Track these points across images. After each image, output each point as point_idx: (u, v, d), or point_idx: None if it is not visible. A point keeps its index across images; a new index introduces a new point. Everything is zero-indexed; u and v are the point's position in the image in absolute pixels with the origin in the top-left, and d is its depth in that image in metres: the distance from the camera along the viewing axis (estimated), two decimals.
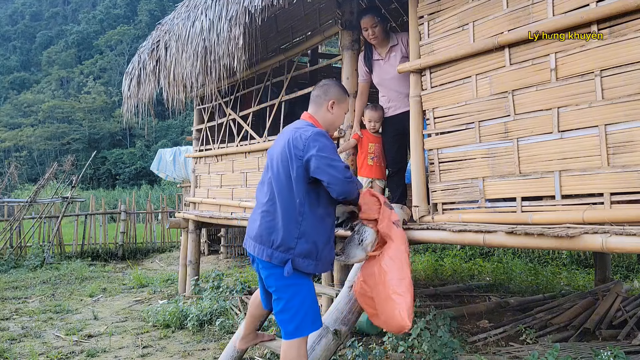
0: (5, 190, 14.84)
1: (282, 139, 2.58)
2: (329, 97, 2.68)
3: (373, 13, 3.73)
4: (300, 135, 2.47)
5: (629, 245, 2.09)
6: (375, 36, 3.73)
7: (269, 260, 2.45)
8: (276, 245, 2.44)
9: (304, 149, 2.44)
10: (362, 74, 3.95)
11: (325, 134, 2.53)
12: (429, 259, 8.39)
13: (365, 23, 3.72)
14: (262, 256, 2.48)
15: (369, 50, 3.90)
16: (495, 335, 4.01)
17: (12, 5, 67.45)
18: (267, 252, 2.46)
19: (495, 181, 2.79)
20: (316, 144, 2.43)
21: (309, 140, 2.44)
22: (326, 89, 2.70)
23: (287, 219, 2.44)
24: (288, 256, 2.43)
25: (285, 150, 2.50)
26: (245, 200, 5.15)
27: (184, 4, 5.00)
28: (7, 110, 44.20)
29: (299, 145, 2.45)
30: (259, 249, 2.49)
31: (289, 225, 2.44)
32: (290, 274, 2.42)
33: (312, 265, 2.48)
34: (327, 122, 2.70)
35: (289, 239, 2.43)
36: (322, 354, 2.77)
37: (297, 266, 2.44)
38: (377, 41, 3.77)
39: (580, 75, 2.39)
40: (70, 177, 11.10)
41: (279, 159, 2.52)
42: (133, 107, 5.79)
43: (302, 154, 2.44)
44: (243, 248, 10.18)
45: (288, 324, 2.46)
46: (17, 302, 6.26)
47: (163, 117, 35.42)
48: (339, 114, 2.73)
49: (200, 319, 4.83)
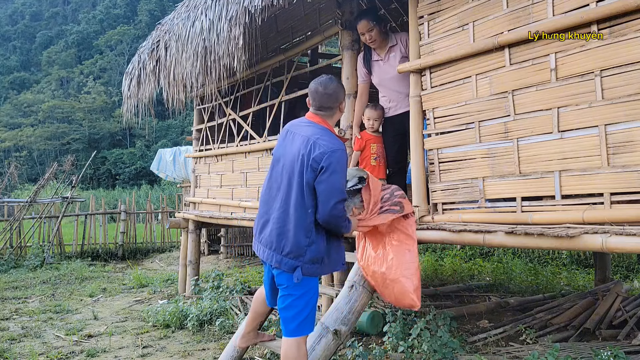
0: (5, 190, 14.84)
1: (298, 144, 2.53)
2: (339, 101, 2.72)
3: (367, 17, 3.70)
4: (320, 147, 2.45)
5: (629, 245, 2.09)
6: (373, 40, 3.73)
7: (278, 267, 2.48)
8: (286, 252, 2.46)
9: (322, 161, 2.43)
10: (362, 75, 3.95)
11: (344, 154, 2.52)
12: (429, 259, 8.39)
13: (361, 28, 3.72)
14: (271, 262, 2.51)
15: (367, 52, 3.90)
16: (495, 335, 4.01)
17: (12, 5, 67.43)
18: (276, 258, 2.48)
19: (495, 181, 2.79)
20: (338, 165, 2.43)
21: (330, 160, 2.42)
22: (336, 95, 2.69)
23: (298, 227, 2.44)
24: (297, 263, 2.44)
25: (304, 158, 2.47)
26: (245, 200, 5.15)
27: (184, 4, 5.00)
28: (7, 110, 44.18)
29: (317, 158, 2.43)
30: (269, 254, 2.52)
31: (299, 234, 2.44)
32: (300, 280, 2.44)
33: (319, 269, 2.51)
34: (334, 120, 2.78)
35: (299, 247, 2.44)
36: (322, 354, 2.77)
37: (306, 272, 2.46)
38: (375, 44, 3.77)
39: (580, 75, 2.39)
40: (70, 177, 11.10)
41: (295, 165, 2.50)
42: (133, 107, 5.79)
43: (317, 165, 2.43)
44: (243, 248, 10.20)
45: (291, 322, 2.47)
46: (17, 302, 6.26)
47: (163, 117, 35.47)
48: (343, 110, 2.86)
49: (200, 319, 4.83)
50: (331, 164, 2.42)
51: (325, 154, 2.43)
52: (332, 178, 2.42)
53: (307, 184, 2.45)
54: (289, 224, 2.46)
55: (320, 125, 2.63)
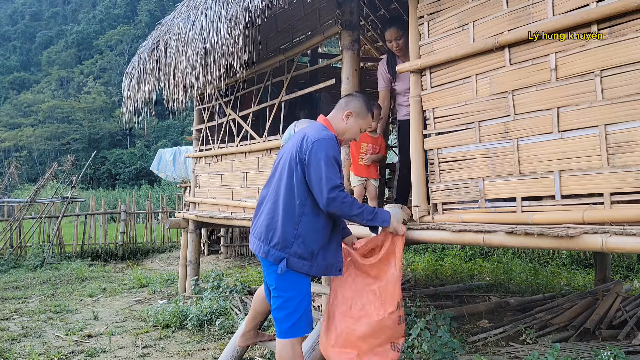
0: (5, 190, 14.83)
1: (294, 140, 2.60)
2: (348, 108, 2.72)
3: (397, 26, 3.74)
4: (307, 140, 2.48)
5: (629, 245, 2.09)
6: (400, 48, 3.77)
7: (265, 257, 2.48)
8: (273, 243, 2.46)
9: (306, 152, 2.46)
10: (385, 81, 3.96)
11: (332, 142, 2.52)
12: (429, 259, 8.39)
13: (389, 35, 3.75)
14: (259, 252, 2.52)
15: (392, 58, 3.92)
16: (495, 335, 4.01)
17: (12, 5, 67.45)
18: (264, 248, 2.49)
19: (495, 181, 2.79)
20: (319, 153, 2.43)
21: (313, 145, 2.45)
22: (349, 100, 2.75)
23: (286, 219, 2.46)
24: (283, 254, 2.44)
25: (292, 150, 2.52)
26: (245, 200, 5.15)
27: (184, 4, 5.00)
28: (7, 110, 44.20)
29: (303, 147, 2.47)
30: (257, 245, 2.53)
31: (287, 225, 2.46)
32: (284, 271, 2.44)
33: (306, 266, 2.49)
34: (339, 129, 2.72)
35: (286, 238, 2.45)
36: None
37: (292, 266, 2.46)
38: (401, 52, 3.81)
39: (580, 75, 2.39)
40: (70, 177, 11.10)
41: (287, 157, 2.55)
42: (133, 107, 5.79)
43: (303, 157, 2.46)
44: (243, 248, 10.20)
45: (283, 323, 2.47)
46: (17, 302, 6.26)
47: (163, 117, 35.48)
48: (353, 126, 2.73)
49: (200, 319, 4.83)
50: (313, 153, 2.44)
51: (309, 145, 2.46)
52: (317, 169, 2.43)
53: (297, 177, 2.47)
54: (277, 215, 2.48)
55: (320, 125, 2.66)
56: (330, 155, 2.46)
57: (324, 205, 2.44)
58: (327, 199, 2.41)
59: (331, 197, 2.41)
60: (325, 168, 2.42)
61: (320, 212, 2.51)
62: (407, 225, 3.16)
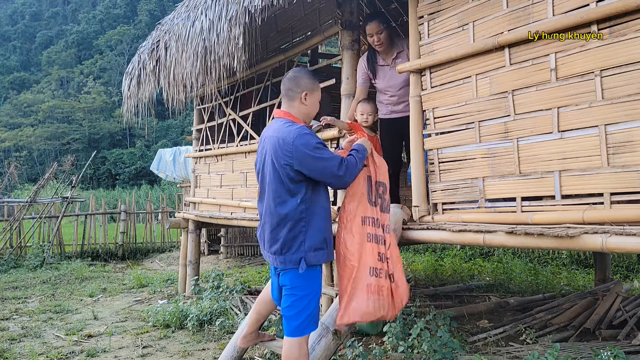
0: (5, 190, 14.83)
1: (268, 147, 2.54)
2: (301, 89, 2.62)
3: (379, 19, 3.67)
4: (284, 140, 2.44)
5: (629, 245, 2.09)
6: (381, 42, 3.69)
7: (284, 266, 2.50)
8: (285, 250, 2.48)
9: (292, 155, 2.41)
10: (363, 77, 3.89)
11: (306, 131, 2.49)
12: (429, 259, 8.39)
13: (370, 29, 3.68)
14: (276, 264, 2.55)
15: (373, 55, 3.86)
16: (495, 335, 4.01)
17: (12, 5, 67.47)
18: (279, 259, 2.51)
19: (495, 181, 2.79)
20: (303, 147, 2.41)
21: (294, 144, 2.41)
22: (297, 81, 2.63)
23: (290, 224, 2.46)
24: (299, 255, 2.46)
25: (272, 158, 2.49)
26: (245, 200, 5.15)
27: (184, 4, 5.00)
28: (7, 110, 44.20)
29: (285, 151, 2.43)
30: (273, 259, 2.56)
31: (293, 229, 2.46)
32: (304, 269, 2.46)
33: (324, 254, 2.53)
34: (302, 114, 2.65)
35: (295, 240, 2.46)
36: (322, 354, 2.77)
37: (310, 261, 2.48)
38: (382, 48, 3.74)
39: (580, 75, 2.39)
40: (70, 177, 11.10)
41: (270, 169, 2.51)
42: (133, 107, 5.79)
43: (291, 160, 2.42)
44: (243, 248, 10.21)
45: (293, 321, 2.48)
46: (17, 302, 6.26)
47: (163, 117, 35.51)
48: (313, 102, 2.69)
49: (200, 319, 4.83)
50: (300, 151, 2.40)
51: (291, 147, 2.41)
52: (314, 161, 2.41)
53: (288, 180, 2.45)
54: (281, 225, 2.49)
55: (281, 119, 2.60)
56: (314, 142, 2.44)
57: (343, 183, 2.54)
58: (341, 177, 2.48)
59: (342, 174, 2.47)
60: (320, 155, 2.43)
61: (316, 201, 2.52)
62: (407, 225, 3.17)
